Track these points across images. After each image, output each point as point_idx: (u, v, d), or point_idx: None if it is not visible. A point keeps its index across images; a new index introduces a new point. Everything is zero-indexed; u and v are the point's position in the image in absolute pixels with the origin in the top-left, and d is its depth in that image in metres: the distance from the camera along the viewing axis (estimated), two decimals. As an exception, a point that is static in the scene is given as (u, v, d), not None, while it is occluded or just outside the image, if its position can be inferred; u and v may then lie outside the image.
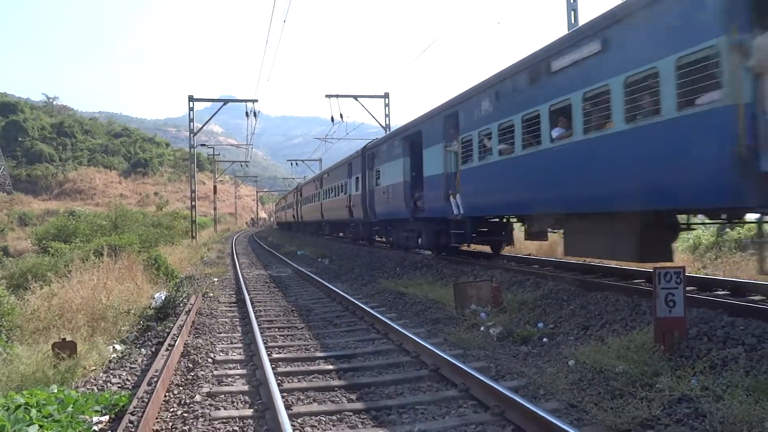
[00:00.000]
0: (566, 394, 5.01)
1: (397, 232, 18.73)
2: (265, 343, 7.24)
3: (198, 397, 5.42)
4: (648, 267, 8.74)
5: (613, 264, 10.63)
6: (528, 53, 9.99)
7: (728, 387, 4.45)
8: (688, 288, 6.16)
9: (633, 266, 9.95)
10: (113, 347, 7.63)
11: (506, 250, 14.80)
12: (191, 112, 30.55)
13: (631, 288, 8.03)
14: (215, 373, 6.30)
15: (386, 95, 30.41)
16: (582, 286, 8.66)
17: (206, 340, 8.00)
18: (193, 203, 32.97)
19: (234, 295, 12.79)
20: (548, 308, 8.15)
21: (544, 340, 6.99)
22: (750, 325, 5.60)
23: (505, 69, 10.70)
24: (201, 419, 4.84)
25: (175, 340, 7.49)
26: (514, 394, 4.62)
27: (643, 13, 7.07)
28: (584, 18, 13.37)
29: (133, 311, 9.41)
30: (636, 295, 7.45)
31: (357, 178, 22.10)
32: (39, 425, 4.34)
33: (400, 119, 32.19)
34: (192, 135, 31.47)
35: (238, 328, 8.93)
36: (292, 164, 64.70)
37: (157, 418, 4.88)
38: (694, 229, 11.00)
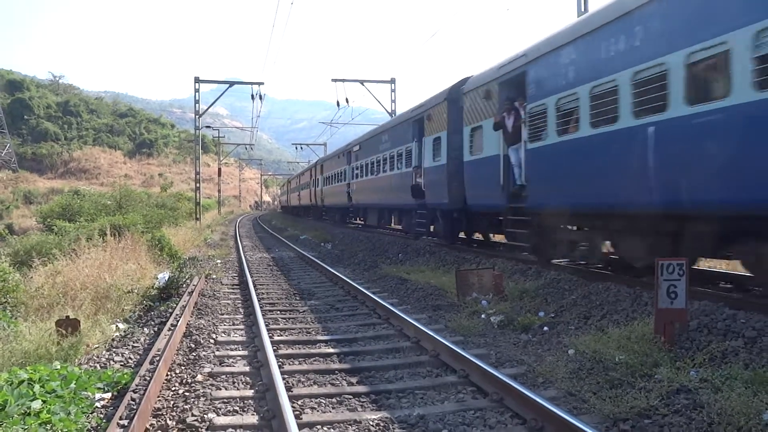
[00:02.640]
0: (565, 382, 5.03)
1: None
2: (266, 326, 7.28)
3: (200, 377, 5.47)
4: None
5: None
6: (537, 40, 9.83)
7: (727, 379, 4.46)
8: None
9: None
10: (116, 326, 7.69)
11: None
12: (197, 93, 30.51)
13: (634, 279, 8.02)
14: (217, 353, 6.34)
15: (392, 81, 30.27)
16: (584, 276, 8.66)
17: (208, 321, 8.05)
18: (198, 185, 33.02)
19: (237, 277, 12.85)
20: (549, 297, 8.16)
21: (545, 328, 7.01)
22: (751, 319, 5.59)
23: None
24: (202, 398, 4.88)
25: (178, 321, 7.54)
26: (513, 381, 4.64)
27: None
28: (594, 4, 13.14)
29: (136, 291, 9.46)
30: (638, 287, 7.44)
31: None
32: (42, 400, 4.39)
33: (406, 105, 31.98)
34: (197, 116, 31.45)
35: (240, 310, 8.98)
36: (296, 148, 64.71)
37: (158, 396, 4.93)
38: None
